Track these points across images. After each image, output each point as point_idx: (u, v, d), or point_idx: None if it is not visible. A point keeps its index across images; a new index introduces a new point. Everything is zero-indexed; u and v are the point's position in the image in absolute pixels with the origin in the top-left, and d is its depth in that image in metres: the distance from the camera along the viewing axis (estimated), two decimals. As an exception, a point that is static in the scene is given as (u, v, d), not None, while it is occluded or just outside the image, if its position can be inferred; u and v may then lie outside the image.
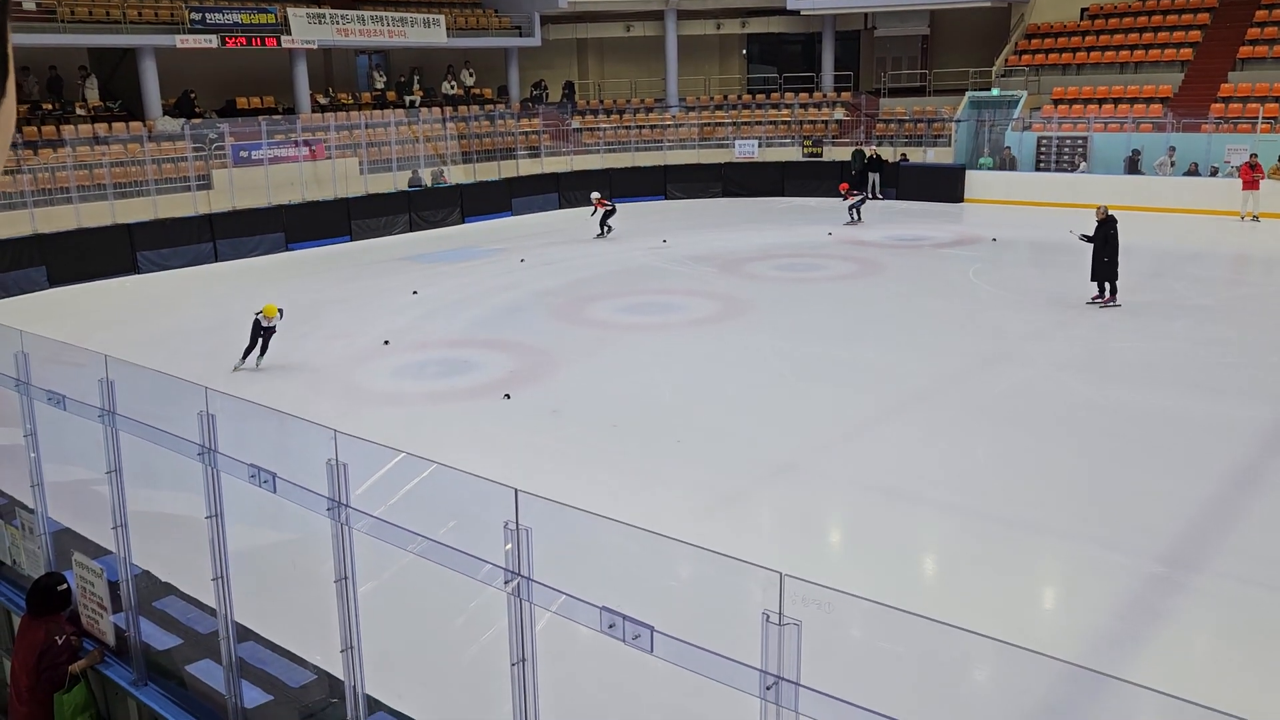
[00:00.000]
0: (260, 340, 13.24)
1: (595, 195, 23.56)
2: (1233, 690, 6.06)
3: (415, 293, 18.07)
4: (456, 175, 28.02)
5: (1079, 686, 5.65)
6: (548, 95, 35.34)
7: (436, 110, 30.45)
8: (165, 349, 14.40)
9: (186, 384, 5.52)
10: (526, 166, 29.74)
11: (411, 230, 25.62)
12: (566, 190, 29.67)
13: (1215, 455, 9.61)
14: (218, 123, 25.53)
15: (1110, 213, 15.50)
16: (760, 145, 32.04)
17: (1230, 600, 7.12)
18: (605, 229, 23.23)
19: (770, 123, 33.29)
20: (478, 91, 34.12)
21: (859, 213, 24.41)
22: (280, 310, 13.37)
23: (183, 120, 25.55)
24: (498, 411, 11.55)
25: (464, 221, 26.79)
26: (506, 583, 3.89)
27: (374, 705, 5.08)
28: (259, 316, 13.22)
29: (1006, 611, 7.03)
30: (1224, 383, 11.91)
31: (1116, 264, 15.44)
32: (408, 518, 4.52)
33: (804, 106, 33.86)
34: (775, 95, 35.22)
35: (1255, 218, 23.77)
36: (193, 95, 27.33)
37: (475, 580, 4.08)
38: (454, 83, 33.25)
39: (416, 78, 32.66)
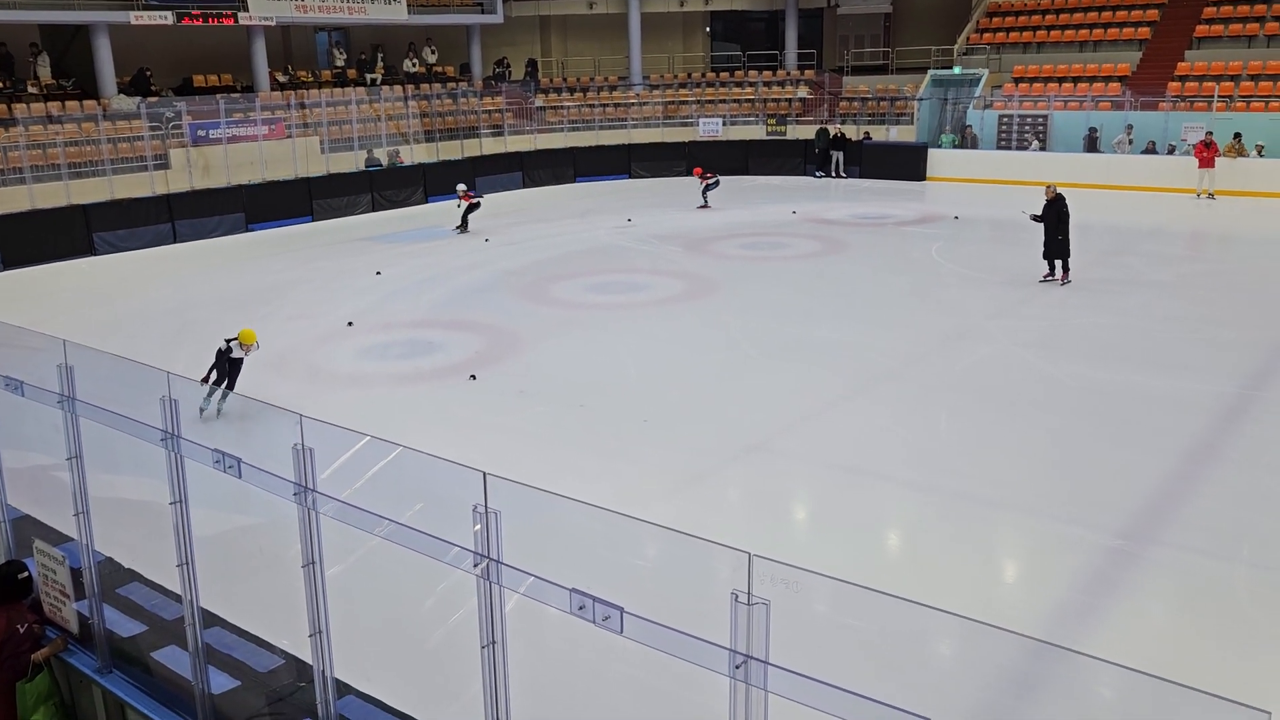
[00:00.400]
0: (226, 373, 10.86)
1: (461, 188, 22.32)
2: (1189, 659, 6.20)
3: (379, 273, 17.92)
4: (419, 154, 27.76)
5: (1040, 659, 5.75)
6: (510, 73, 35.05)
7: (398, 88, 30.12)
8: (125, 332, 14.19)
9: (148, 369, 5.45)
10: (490, 145, 29.52)
11: (374, 210, 25.37)
12: (531, 169, 29.51)
13: (1172, 430, 9.79)
14: (174, 101, 25.07)
15: (1059, 191, 15.66)
16: (724, 124, 32.02)
17: (1186, 571, 7.27)
18: (464, 224, 22.01)
19: (734, 101, 33.26)
20: (440, 69, 33.77)
21: (706, 197, 24.50)
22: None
23: (138, 99, 25.07)
24: (464, 393, 11.51)
25: (427, 201, 26.56)
26: (475, 565, 3.89)
27: (343, 689, 5.07)
28: (232, 343, 10.88)
29: (971, 586, 7.13)
30: (1180, 358, 12.11)
31: (1068, 242, 15.61)
32: (374, 501, 4.50)
33: (767, 85, 33.85)
34: (739, 73, 35.18)
35: (1211, 195, 24.14)
36: (148, 73, 26.82)
37: (443, 563, 4.07)
38: (416, 60, 32.88)
39: (378, 55, 32.26)
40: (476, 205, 22.26)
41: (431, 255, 19.66)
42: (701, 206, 24.51)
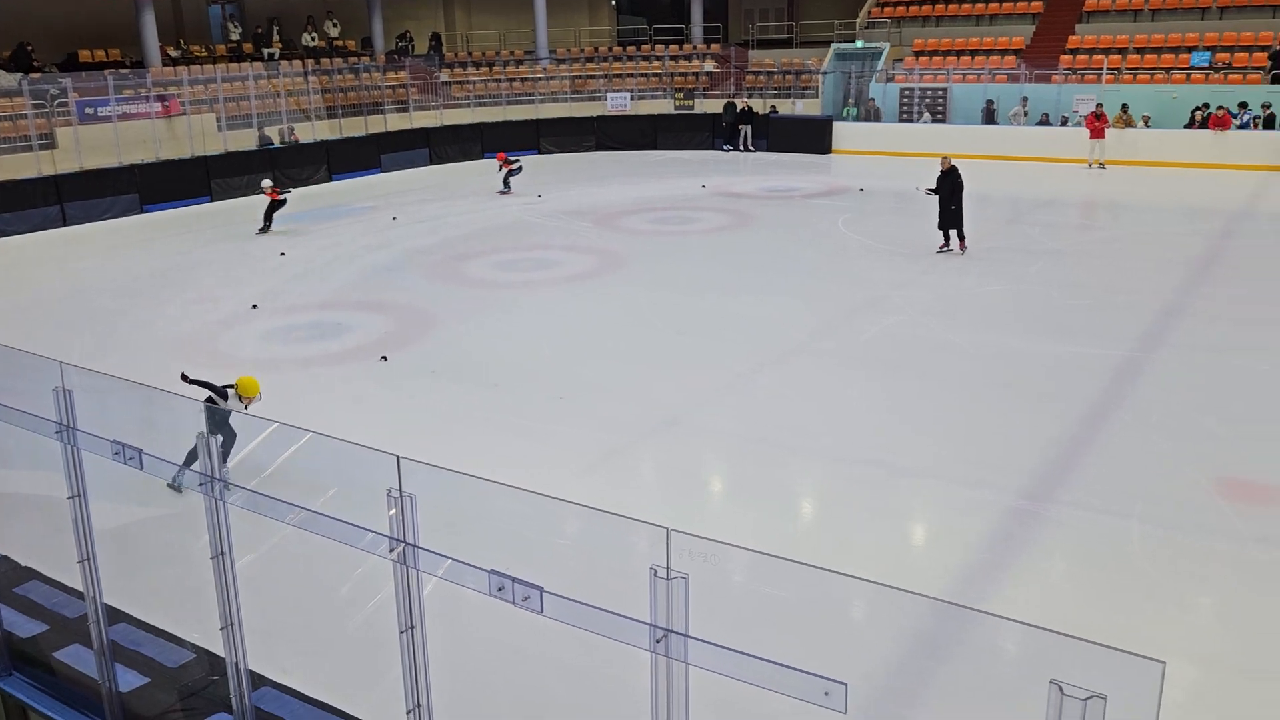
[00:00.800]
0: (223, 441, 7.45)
1: (266, 184, 20.33)
2: (1089, 613, 6.48)
3: (283, 254, 17.47)
4: (322, 131, 27.06)
5: (949, 619, 5.94)
6: (414, 47, 34.36)
7: (298, 63, 29.26)
8: (13, 322, 13.58)
9: (39, 358, 5.23)
10: (395, 121, 28.92)
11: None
12: (437, 146, 29.03)
13: (1069, 393, 10.16)
14: (59, 77, 23.94)
15: (952, 163, 16.03)
16: (632, 98, 31.93)
17: (1085, 529, 7.58)
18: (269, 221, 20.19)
19: (642, 75, 33.18)
20: (341, 43, 32.92)
21: (508, 184, 23.39)
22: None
23: (20, 75, 23.86)
24: (375, 375, 11.33)
25: (331, 179, 25.94)
26: (391, 550, 3.85)
27: (258, 681, 4.98)
28: (228, 390, 8.38)
29: (882, 551, 7.32)
30: (1076, 323, 12.56)
31: (961, 212, 15.99)
32: (285, 489, 4.42)
33: (674, 59, 33.85)
34: (646, 47, 35.09)
35: (1101, 165, 25.02)
36: (29, 48, 25.54)
37: (359, 549, 4.02)
38: (315, 34, 31.99)
39: (275, 29, 31.27)
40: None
41: (337, 235, 19.24)
42: (502, 192, 23.23)
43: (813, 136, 29.33)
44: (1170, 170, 24.34)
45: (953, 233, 16.10)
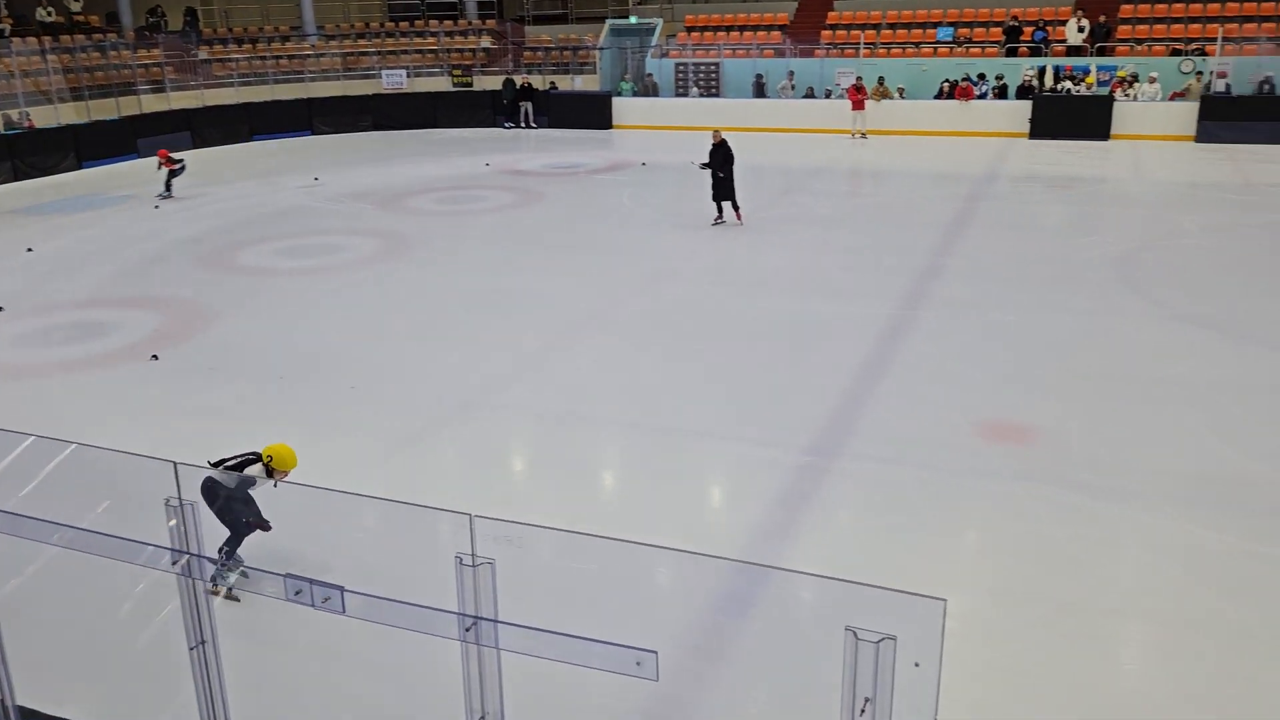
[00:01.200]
0: (242, 516, 6.22)
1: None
2: (876, 559, 6.91)
3: (30, 250, 16.00)
4: (67, 115, 24.88)
5: (747, 576, 6.20)
6: (167, 23, 32.10)
7: (33, 40, 26.74)
8: None
9: None
10: (151, 103, 26.96)
11: (16, 179, 22.52)
12: (200, 128, 27.29)
13: (846, 351, 10.76)
14: None
15: (723, 136, 16.55)
16: (409, 75, 31.11)
17: (866, 478, 8.06)
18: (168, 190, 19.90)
19: (417, 52, 32.35)
20: (83, 18, 30.30)
21: (170, 186, 20.23)
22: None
23: None
24: (146, 375, 10.58)
25: (81, 167, 23.94)
26: (174, 563, 3.62)
27: (28, 715, 4.59)
28: (256, 466, 6.48)
29: (685, 516, 7.53)
30: (849, 285, 13.29)
31: (733, 184, 16.53)
32: (48, 507, 4.07)
33: (450, 35, 33.18)
34: (419, 23, 34.20)
35: (864, 135, 26.50)
36: None
37: (138, 565, 3.76)
38: (51, 9, 29.29)
39: (3, 2, 28.41)
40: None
41: (94, 227, 17.79)
42: (163, 196, 19.93)
43: (593, 112, 29.54)
44: (925, 138, 26.09)
45: (726, 204, 16.61)
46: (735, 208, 16.61)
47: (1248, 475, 7.83)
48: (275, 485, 6.40)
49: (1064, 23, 27.74)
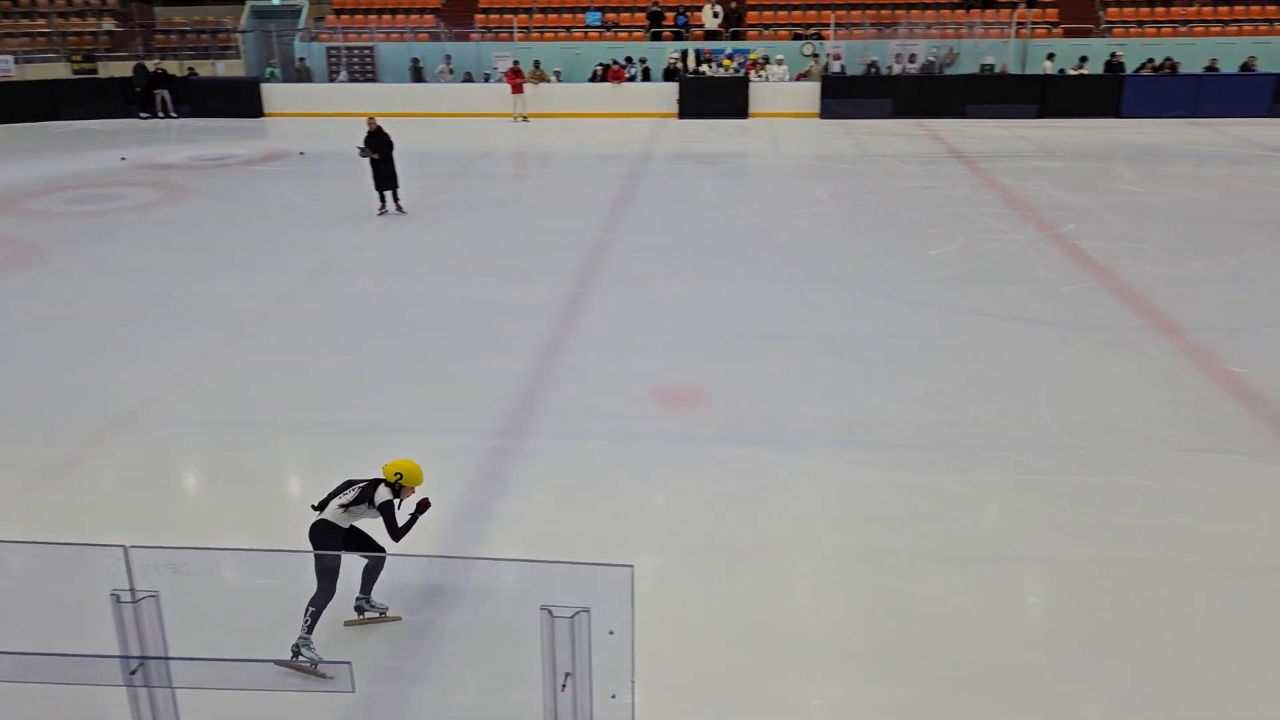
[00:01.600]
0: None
1: None
2: (566, 532, 7.09)
3: None
4: None
5: (451, 568, 6.17)
6: None
7: None
8: None
9: None
10: None
11: None
12: None
13: (527, 330, 10.90)
14: None
15: (379, 123, 16.18)
16: (17, 61, 27.66)
17: (554, 454, 8.23)
18: None
19: (26, 34, 28.80)
20: None
21: None
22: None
23: None
24: None
25: None
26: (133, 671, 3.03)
27: None
28: (387, 482, 5.71)
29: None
30: (523, 267, 13.46)
31: (394, 172, 16.21)
32: None
33: (64, 16, 29.82)
34: (26, 2, 30.41)
35: (525, 118, 26.84)
36: None
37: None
38: None
39: None
40: None
41: None
42: None
43: (241, 100, 27.75)
44: (583, 120, 26.85)
45: (388, 194, 16.23)
46: (395, 198, 16.24)
47: (886, 415, 8.80)
48: (399, 507, 5.67)
49: (700, 9, 29.53)
